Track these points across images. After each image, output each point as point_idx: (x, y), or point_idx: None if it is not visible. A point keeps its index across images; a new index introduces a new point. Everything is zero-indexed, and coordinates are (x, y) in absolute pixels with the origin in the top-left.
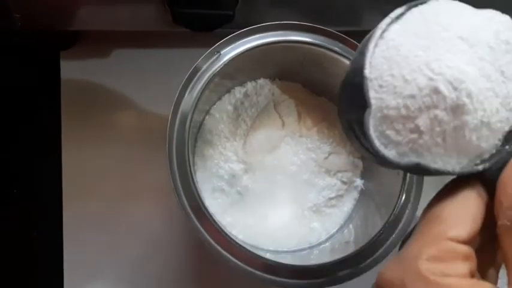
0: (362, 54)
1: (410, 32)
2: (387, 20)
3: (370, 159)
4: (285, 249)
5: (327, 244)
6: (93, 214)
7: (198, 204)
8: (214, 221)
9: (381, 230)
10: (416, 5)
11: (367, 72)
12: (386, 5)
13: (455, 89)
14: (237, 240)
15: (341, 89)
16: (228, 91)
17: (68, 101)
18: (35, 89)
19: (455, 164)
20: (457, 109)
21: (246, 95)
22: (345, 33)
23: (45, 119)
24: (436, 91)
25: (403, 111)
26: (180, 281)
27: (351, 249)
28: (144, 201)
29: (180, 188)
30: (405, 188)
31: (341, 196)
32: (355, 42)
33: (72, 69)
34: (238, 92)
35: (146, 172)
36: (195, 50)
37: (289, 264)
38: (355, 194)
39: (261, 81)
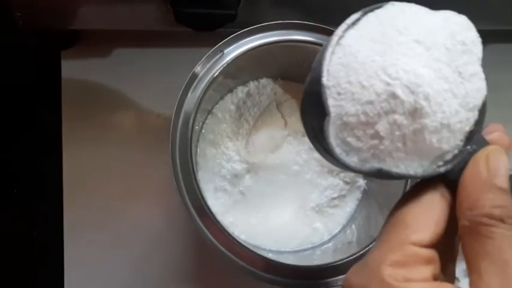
0: (320, 63)
1: (367, 37)
2: (343, 26)
3: (336, 167)
4: (288, 250)
5: (330, 244)
6: (93, 214)
7: (201, 205)
8: (217, 221)
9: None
10: (372, 10)
11: (324, 80)
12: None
13: (412, 92)
14: (240, 240)
15: (302, 98)
16: (231, 90)
17: (69, 101)
18: (35, 88)
19: (417, 167)
20: (415, 113)
21: (248, 94)
22: None
23: (45, 119)
24: (393, 96)
25: (363, 118)
26: (180, 281)
27: (353, 249)
28: (144, 201)
29: (183, 188)
30: (407, 188)
31: (344, 196)
32: None
33: (73, 69)
34: (241, 91)
35: (146, 172)
36: (197, 49)
37: (291, 265)
38: (357, 194)
39: (263, 80)
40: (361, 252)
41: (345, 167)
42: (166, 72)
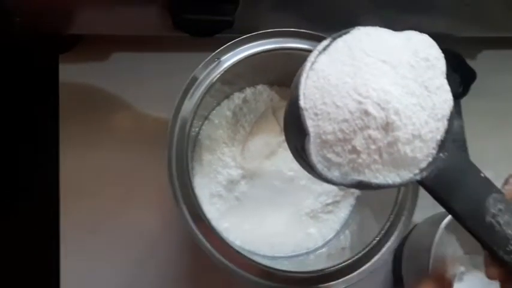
0: (296, 87)
1: (337, 61)
2: (315, 52)
3: (322, 181)
4: (282, 255)
5: (324, 250)
6: (90, 216)
7: (196, 211)
8: (212, 227)
9: (376, 236)
10: (340, 36)
11: (301, 103)
12: (384, 10)
13: (383, 109)
14: (234, 246)
15: (284, 118)
16: (227, 97)
17: (67, 104)
18: (33, 91)
19: (395, 177)
20: (387, 127)
21: (245, 100)
22: None
23: (43, 122)
24: (366, 113)
25: (340, 135)
26: (176, 282)
27: (347, 255)
28: (141, 204)
29: (179, 195)
30: (401, 195)
31: (338, 202)
32: None
33: (71, 73)
34: (237, 97)
35: (144, 176)
36: (194, 54)
37: (286, 270)
38: (351, 200)
39: (259, 87)
40: (355, 258)
41: (328, 181)
42: (164, 76)
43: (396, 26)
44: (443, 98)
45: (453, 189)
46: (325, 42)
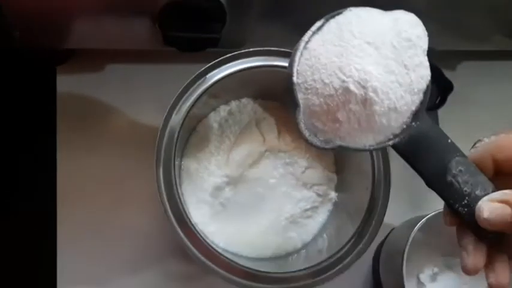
0: (291, 64)
1: (328, 41)
2: (309, 32)
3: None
4: (264, 257)
5: (302, 252)
6: (86, 220)
7: (182, 216)
8: (196, 231)
9: (349, 240)
10: (333, 16)
11: (294, 79)
12: None
13: (362, 87)
14: (218, 249)
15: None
16: (214, 109)
17: (63, 113)
18: (32, 100)
19: (371, 141)
20: (366, 102)
21: (230, 113)
22: None
23: (42, 129)
24: (348, 90)
25: (325, 107)
26: (167, 280)
27: (323, 256)
28: (135, 207)
29: (166, 201)
30: (372, 202)
31: (316, 208)
32: None
33: (68, 83)
34: (223, 110)
35: (137, 182)
36: (184, 65)
37: (266, 271)
38: (329, 206)
39: (244, 100)
40: (329, 259)
41: (313, 145)
42: (156, 87)
43: None
44: (421, 73)
45: (421, 152)
46: (318, 23)
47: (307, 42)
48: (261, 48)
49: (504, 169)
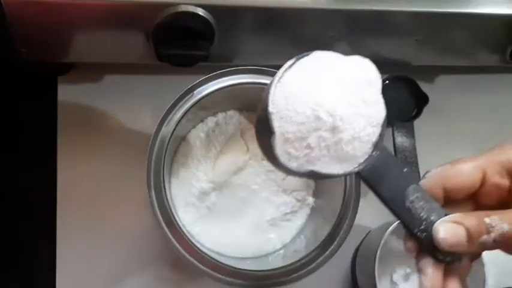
0: (266, 95)
1: (299, 77)
2: (282, 69)
3: (282, 172)
4: (246, 256)
5: (281, 252)
6: (84, 222)
7: (170, 218)
8: (183, 231)
9: (322, 242)
10: (302, 57)
11: (270, 108)
12: (359, 41)
13: (331, 115)
14: (203, 248)
15: (256, 122)
16: (202, 120)
17: (64, 121)
18: (35, 108)
19: (339, 169)
20: (334, 129)
21: (217, 124)
22: None
23: (43, 137)
24: (318, 118)
25: (298, 134)
26: (159, 277)
27: (300, 256)
28: (131, 209)
29: (155, 204)
30: (344, 208)
31: (295, 212)
32: None
33: (68, 93)
34: (211, 121)
35: (133, 184)
36: (177, 76)
37: (248, 269)
38: (307, 210)
39: (230, 112)
40: (306, 259)
41: (288, 170)
42: (151, 96)
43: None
44: (379, 109)
45: (382, 179)
46: (290, 62)
47: (280, 77)
48: (246, 67)
49: (452, 197)
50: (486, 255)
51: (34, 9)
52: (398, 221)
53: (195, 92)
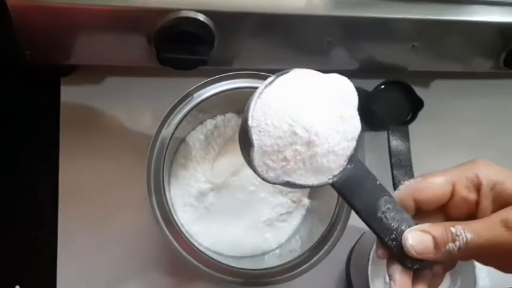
0: (247, 110)
1: (278, 93)
2: (262, 86)
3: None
4: (242, 255)
5: (277, 251)
6: (85, 219)
7: (169, 217)
8: (182, 231)
9: (316, 242)
10: (282, 74)
11: (249, 122)
12: (356, 46)
13: (307, 131)
14: (201, 248)
15: (239, 133)
16: (201, 122)
17: (66, 120)
18: (38, 109)
19: (314, 180)
20: (309, 144)
21: (215, 126)
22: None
23: (45, 135)
24: (294, 133)
25: (276, 147)
26: (159, 274)
27: (295, 256)
28: (130, 208)
29: (155, 204)
30: (338, 209)
31: (291, 212)
32: None
33: (71, 94)
34: (210, 123)
35: (132, 184)
36: (178, 79)
37: (244, 268)
38: (302, 211)
39: (229, 115)
40: (301, 258)
41: (266, 180)
42: (152, 98)
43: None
44: (354, 124)
45: (355, 191)
46: (270, 79)
47: (260, 93)
48: (244, 72)
49: (423, 208)
50: None
51: (39, 13)
52: None
53: (194, 95)
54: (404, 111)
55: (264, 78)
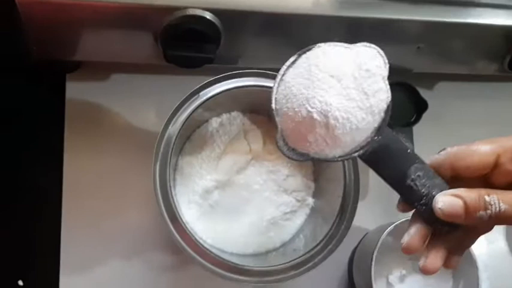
0: (271, 93)
1: (299, 75)
2: (284, 67)
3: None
4: (246, 253)
5: (280, 250)
6: (89, 215)
7: (175, 214)
8: (187, 228)
9: (321, 240)
10: (304, 52)
11: (273, 105)
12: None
13: (325, 116)
14: (205, 245)
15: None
16: (206, 121)
17: (71, 116)
18: (43, 106)
19: (341, 152)
20: (329, 128)
21: (221, 124)
22: None
23: (51, 131)
24: (312, 119)
25: (297, 131)
26: (163, 270)
27: (298, 254)
28: (135, 205)
29: (161, 200)
30: (343, 208)
31: (295, 211)
32: None
33: (76, 90)
34: (215, 121)
35: (137, 181)
36: (183, 76)
37: (248, 265)
38: (306, 210)
39: (234, 113)
40: (305, 257)
41: (290, 158)
42: (157, 95)
43: None
44: (381, 97)
45: (383, 161)
46: (292, 58)
47: (283, 75)
48: (249, 71)
49: (460, 175)
50: (479, 259)
51: (47, 9)
52: (394, 225)
53: (200, 93)
54: (409, 112)
55: (270, 76)
